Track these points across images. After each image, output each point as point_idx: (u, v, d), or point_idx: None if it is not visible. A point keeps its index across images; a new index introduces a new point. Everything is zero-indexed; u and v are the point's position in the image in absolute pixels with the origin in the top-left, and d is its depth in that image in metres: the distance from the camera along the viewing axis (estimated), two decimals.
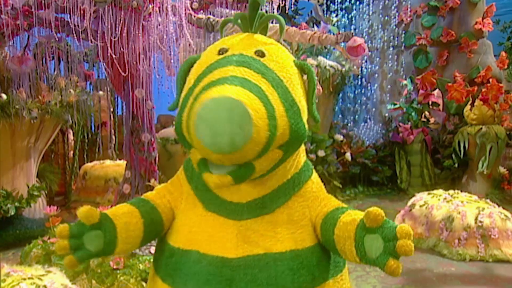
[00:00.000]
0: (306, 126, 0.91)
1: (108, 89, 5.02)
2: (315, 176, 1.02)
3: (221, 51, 0.92)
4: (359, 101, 6.28)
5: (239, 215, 0.92)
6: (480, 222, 2.79)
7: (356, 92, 6.33)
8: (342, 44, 2.05)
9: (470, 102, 4.39)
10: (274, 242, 0.91)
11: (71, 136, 5.25)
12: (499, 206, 3.11)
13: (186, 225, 0.97)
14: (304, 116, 0.91)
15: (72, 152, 5.17)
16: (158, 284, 0.98)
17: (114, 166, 4.72)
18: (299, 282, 0.89)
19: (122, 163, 4.48)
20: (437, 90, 5.05)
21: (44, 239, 2.37)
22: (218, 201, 0.94)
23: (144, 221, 0.95)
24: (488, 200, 3.15)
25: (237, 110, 0.75)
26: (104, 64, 2.48)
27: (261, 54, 0.90)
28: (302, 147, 0.99)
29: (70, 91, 3.95)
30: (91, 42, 2.33)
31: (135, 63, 2.29)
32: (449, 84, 4.57)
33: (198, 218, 0.96)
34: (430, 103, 4.96)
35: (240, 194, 0.92)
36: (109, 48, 2.22)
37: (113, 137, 5.45)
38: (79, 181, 4.74)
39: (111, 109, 5.30)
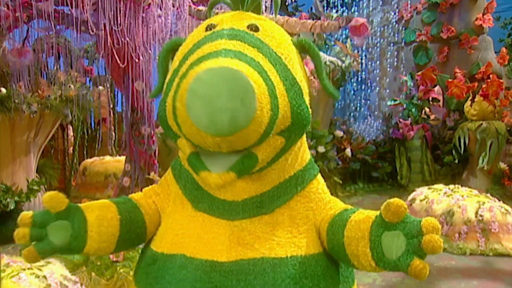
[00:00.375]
0: (310, 109, 0.80)
1: (108, 85, 5.02)
2: (320, 176, 0.91)
3: (209, 27, 0.81)
4: (359, 97, 6.27)
5: (233, 214, 0.81)
6: (481, 216, 2.78)
7: (356, 88, 6.32)
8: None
9: (470, 98, 4.38)
10: (273, 246, 0.79)
11: (70, 132, 5.25)
12: (499, 201, 3.11)
13: (172, 228, 0.86)
14: (306, 98, 0.80)
15: (71, 148, 5.17)
16: None
17: (114, 162, 4.71)
18: None
19: (122, 159, 4.46)
20: (437, 87, 5.04)
21: None
22: (209, 199, 0.83)
23: (121, 219, 0.84)
24: (488, 195, 3.14)
25: (239, 82, 0.63)
26: (104, 56, 2.46)
27: (254, 28, 0.79)
28: (305, 143, 0.90)
29: (70, 86, 3.94)
30: (91, 34, 2.32)
31: (134, 55, 2.27)
32: (449, 80, 4.55)
33: (186, 219, 0.85)
34: (430, 99, 4.95)
35: (235, 191, 0.81)
36: (108, 40, 2.21)
37: (113, 133, 5.45)
38: (78, 177, 4.73)
39: (111, 106, 5.29)
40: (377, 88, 6.27)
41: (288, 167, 0.84)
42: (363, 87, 6.29)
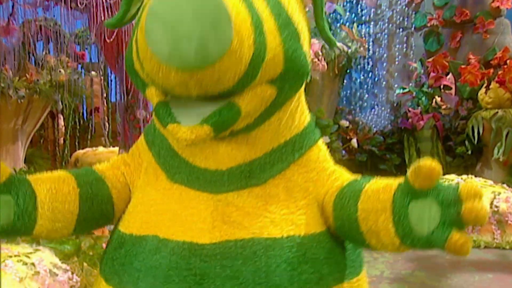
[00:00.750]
0: (308, 58, 0.72)
1: (101, 73, 4.98)
2: (322, 142, 0.82)
3: None
4: (366, 85, 6.23)
5: (217, 186, 0.71)
6: (496, 207, 2.76)
7: (363, 76, 6.28)
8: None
9: (485, 85, 4.33)
10: (266, 224, 0.69)
11: (61, 122, 5.21)
12: None
13: (143, 204, 0.76)
14: (305, 45, 0.72)
15: (62, 138, 5.14)
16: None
17: (107, 153, 4.69)
18: (300, 281, 0.67)
19: (116, 150, 4.44)
20: (449, 75, 4.99)
21: None
22: (188, 169, 0.73)
23: (80, 192, 0.73)
24: (504, 185, 3.11)
25: (209, 2, 0.53)
26: (96, 35, 2.42)
27: None
28: (304, 103, 0.81)
29: (60, 71, 3.89)
30: (82, 10, 2.27)
31: (128, 32, 2.23)
32: (463, 66, 4.50)
33: (159, 193, 0.75)
34: (441, 86, 4.91)
35: (218, 158, 0.71)
36: (101, 16, 2.17)
37: (106, 124, 5.42)
38: (70, 168, 4.71)
39: (104, 95, 5.25)
40: (385, 76, 6.23)
41: (283, 129, 0.74)
42: (370, 75, 6.24)
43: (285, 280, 0.66)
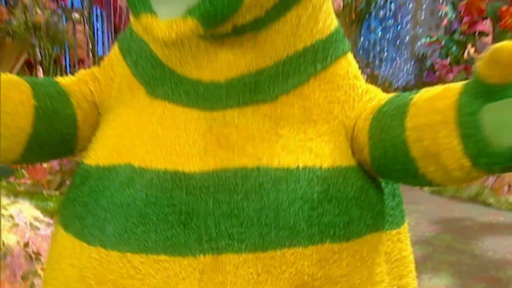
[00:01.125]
0: None
1: (86, 20, 4.78)
2: (351, 56, 0.69)
3: None
4: (387, 34, 6.01)
5: (211, 102, 0.59)
6: None
7: (384, 24, 6.04)
8: None
9: None
10: (276, 150, 0.58)
11: (40, 74, 5.09)
12: None
13: (114, 128, 0.64)
14: None
15: None
16: (58, 238, 0.64)
17: None
18: (321, 224, 0.55)
19: None
20: (486, 20, 4.76)
21: (10, 180, 2.31)
22: (174, 79, 0.61)
23: (37, 106, 0.60)
24: None
25: None
26: None
27: None
28: (330, 3, 0.68)
29: (36, 12, 3.71)
30: None
31: None
32: (504, 8, 4.27)
33: (136, 111, 0.63)
34: (476, 33, 4.69)
35: (216, 67, 0.59)
36: None
37: None
38: None
39: (90, 46, 5.09)
40: (409, 24, 5.99)
41: (302, 31, 0.61)
42: (391, 22, 6.00)
43: (302, 221, 0.54)
